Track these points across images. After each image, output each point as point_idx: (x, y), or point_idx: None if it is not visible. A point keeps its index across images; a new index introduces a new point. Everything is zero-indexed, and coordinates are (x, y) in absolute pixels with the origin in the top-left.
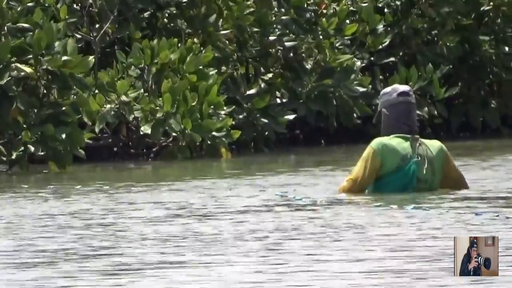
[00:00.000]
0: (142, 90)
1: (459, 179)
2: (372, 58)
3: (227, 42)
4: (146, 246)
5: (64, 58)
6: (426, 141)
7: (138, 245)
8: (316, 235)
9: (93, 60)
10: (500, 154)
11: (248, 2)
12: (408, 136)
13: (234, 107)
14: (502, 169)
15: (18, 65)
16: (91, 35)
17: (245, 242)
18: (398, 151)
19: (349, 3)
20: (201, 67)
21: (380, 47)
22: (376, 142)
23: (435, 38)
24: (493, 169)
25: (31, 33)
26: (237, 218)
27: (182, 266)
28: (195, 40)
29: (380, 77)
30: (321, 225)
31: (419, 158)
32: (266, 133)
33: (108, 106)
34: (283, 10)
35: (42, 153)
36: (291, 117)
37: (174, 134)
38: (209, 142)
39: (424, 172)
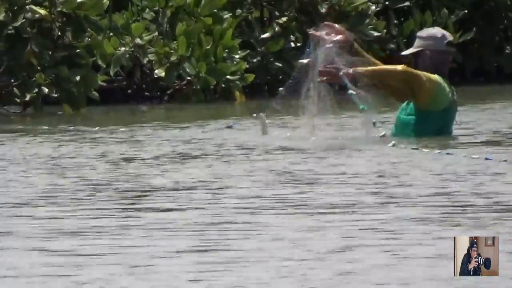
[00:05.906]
0: (156, 33)
1: None
2: (387, 2)
3: None
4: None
5: (79, 0)
6: None
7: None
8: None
9: (108, 2)
10: None
11: None
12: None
13: (248, 50)
14: None
15: (33, 7)
16: None
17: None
18: (447, 92)
19: None
20: (215, 10)
21: None
22: (436, 77)
23: None
24: (506, 113)
25: None
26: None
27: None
28: None
29: (395, 21)
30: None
31: (456, 104)
32: (280, 76)
33: (123, 49)
34: None
35: (56, 95)
36: (305, 61)
37: (188, 77)
38: (223, 86)
39: (457, 118)
